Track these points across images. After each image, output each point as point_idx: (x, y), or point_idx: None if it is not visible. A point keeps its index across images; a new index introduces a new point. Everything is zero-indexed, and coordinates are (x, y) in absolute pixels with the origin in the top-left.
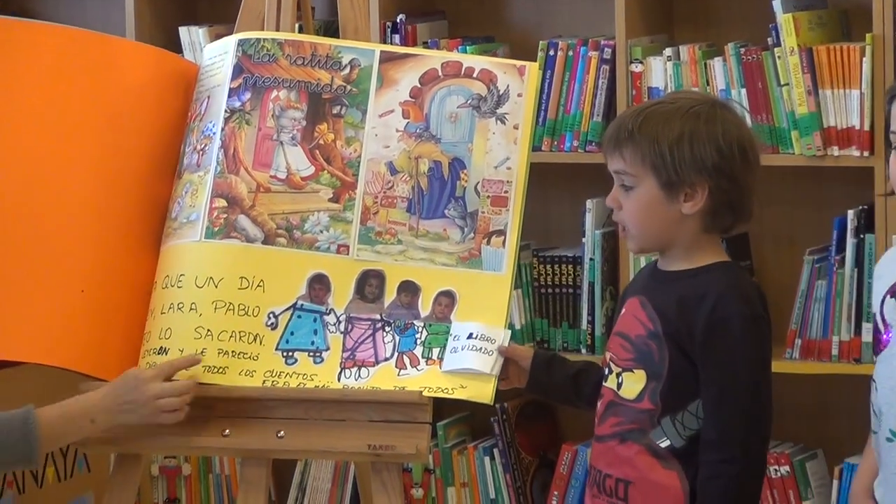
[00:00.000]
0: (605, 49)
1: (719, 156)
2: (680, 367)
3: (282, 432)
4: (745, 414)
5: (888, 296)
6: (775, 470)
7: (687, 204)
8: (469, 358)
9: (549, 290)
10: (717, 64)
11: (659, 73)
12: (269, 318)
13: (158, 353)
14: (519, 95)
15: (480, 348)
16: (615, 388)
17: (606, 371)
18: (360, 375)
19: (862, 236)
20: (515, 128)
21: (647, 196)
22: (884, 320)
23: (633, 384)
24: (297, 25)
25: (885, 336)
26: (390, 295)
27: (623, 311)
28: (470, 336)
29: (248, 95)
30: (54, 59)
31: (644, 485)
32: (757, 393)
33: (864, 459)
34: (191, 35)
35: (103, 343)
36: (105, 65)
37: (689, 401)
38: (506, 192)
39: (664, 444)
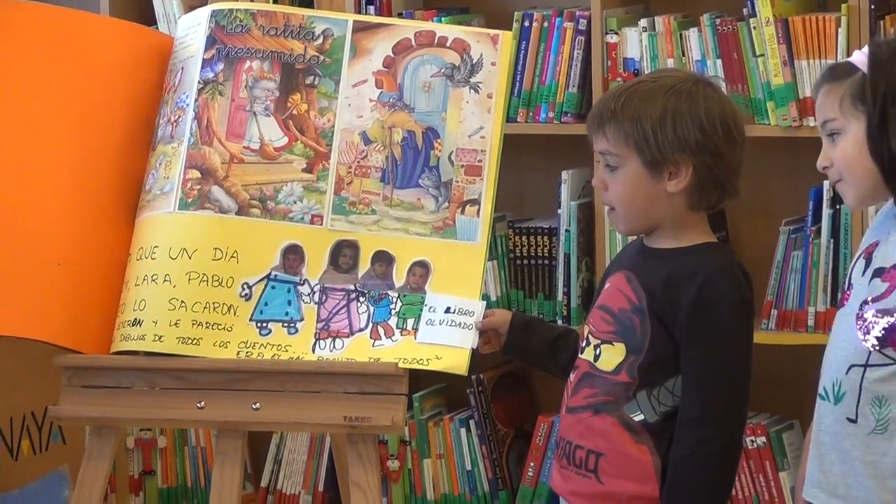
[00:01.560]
0: (581, 20)
1: (702, 133)
2: (661, 343)
3: (257, 404)
4: (725, 395)
5: (860, 257)
6: (751, 441)
7: (672, 182)
8: (447, 333)
9: (525, 262)
10: (692, 35)
11: (634, 44)
12: (243, 288)
13: (133, 325)
14: (492, 64)
15: (459, 323)
16: (591, 359)
17: (583, 343)
18: (334, 346)
19: (837, 207)
20: (489, 97)
21: (631, 176)
22: (850, 275)
23: (611, 356)
24: None
25: (844, 299)
26: (364, 265)
27: (607, 285)
28: (448, 310)
29: (220, 66)
30: (28, 35)
31: (615, 457)
32: (738, 375)
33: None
34: (164, 7)
35: (80, 316)
36: (79, 41)
37: (668, 377)
38: (480, 161)
39: (638, 417)
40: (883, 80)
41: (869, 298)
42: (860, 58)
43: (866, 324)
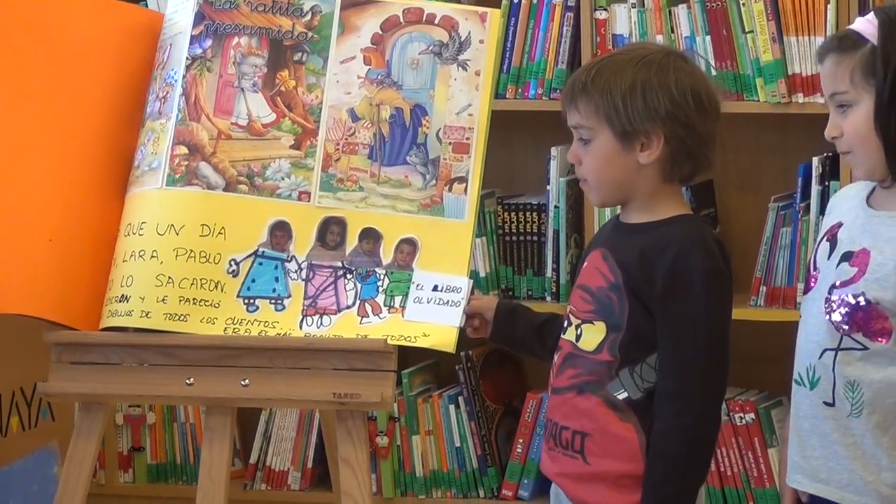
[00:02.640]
0: None
1: (672, 104)
2: (640, 319)
3: (246, 380)
4: (701, 367)
5: (824, 239)
6: (740, 417)
7: (644, 153)
8: (434, 311)
9: (514, 238)
10: (681, 11)
11: (623, 20)
12: (231, 265)
13: (120, 301)
14: (481, 42)
15: (447, 301)
16: (573, 339)
17: (566, 323)
18: (321, 323)
19: (827, 183)
20: (477, 74)
21: (604, 148)
22: (815, 258)
23: (592, 336)
24: None
25: (811, 282)
26: (352, 242)
27: (585, 263)
28: (435, 288)
29: (209, 42)
30: (15, 11)
31: (601, 437)
32: (714, 347)
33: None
34: None
35: (71, 292)
36: (66, 18)
37: (648, 353)
38: (467, 138)
39: (621, 395)
40: (894, 54)
41: (837, 283)
42: (869, 28)
43: (836, 308)
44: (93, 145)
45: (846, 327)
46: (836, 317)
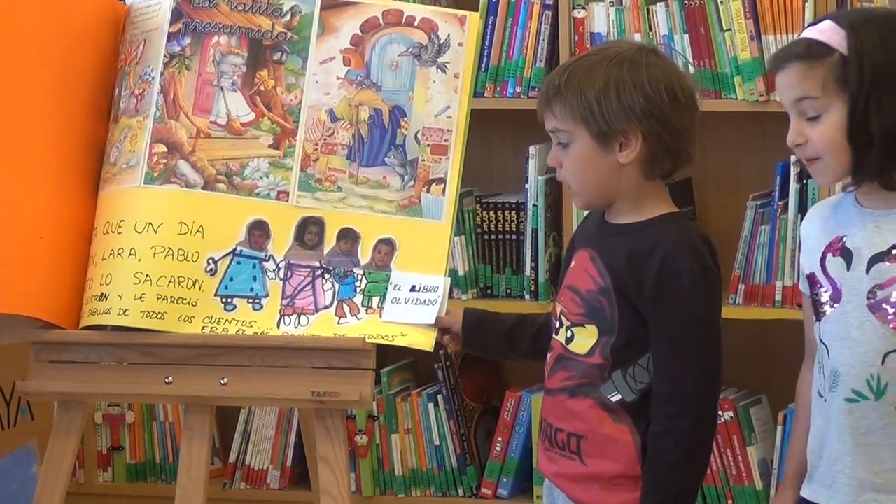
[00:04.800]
0: None
1: (646, 100)
2: (631, 322)
3: (225, 379)
4: (695, 367)
5: (829, 255)
6: (719, 415)
7: (623, 153)
8: (412, 312)
9: (493, 237)
10: (659, 9)
11: (601, 18)
12: (209, 263)
13: (99, 300)
14: (460, 45)
15: (424, 300)
16: (564, 341)
17: (557, 324)
18: (299, 323)
19: (805, 181)
20: (456, 77)
21: (582, 150)
22: (828, 277)
23: (584, 339)
24: None
25: (828, 295)
26: (330, 242)
27: (573, 263)
28: (413, 289)
29: (187, 40)
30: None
31: (595, 438)
32: (706, 346)
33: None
34: None
35: (60, 290)
36: (54, 6)
37: (640, 355)
38: (446, 140)
39: (615, 398)
40: (867, 63)
41: (880, 284)
42: (835, 37)
43: (888, 307)
44: (72, 138)
45: None
46: (892, 315)
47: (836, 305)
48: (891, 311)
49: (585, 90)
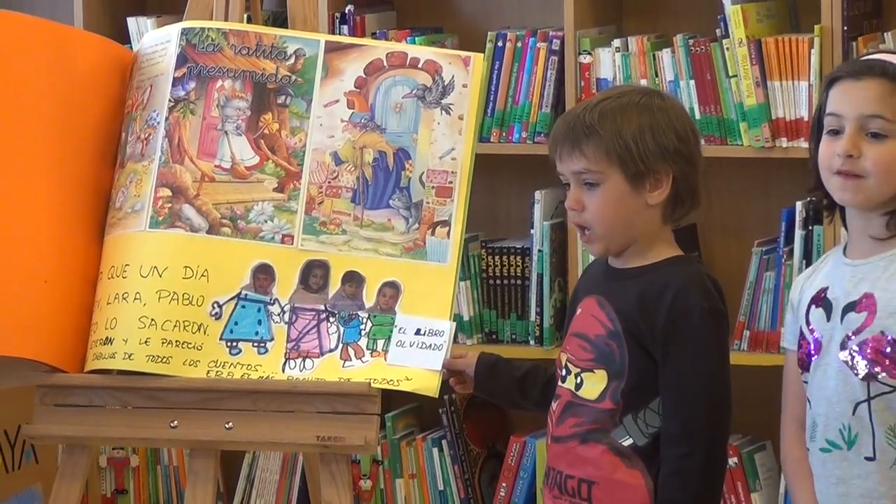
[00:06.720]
0: (554, 40)
1: (679, 141)
2: (641, 365)
3: (230, 423)
4: (704, 408)
5: (812, 306)
6: None
7: (653, 193)
8: (417, 355)
9: (498, 282)
10: (665, 55)
11: (607, 64)
12: (213, 307)
13: (104, 344)
14: (464, 86)
15: (429, 345)
16: (573, 388)
17: (563, 372)
18: (304, 366)
19: (810, 228)
20: (460, 118)
21: (614, 191)
22: (810, 329)
23: (593, 384)
24: (245, 17)
25: (812, 347)
26: (335, 285)
27: (579, 310)
28: (418, 332)
29: (192, 85)
30: (5, 45)
31: (608, 485)
32: (716, 386)
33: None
34: (139, 25)
35: (65, 334)
36: (56, 52)
37: (651, 398)
38: (450, 182)
39: (627, 442)
40: None
41: (849, 334)
42: None
43: (857, 357)
44: (77, 182)
45: (877, 370)
46: (861, 364)
47: (815, 357)
48: (860, 360)
49: (622, 131)
